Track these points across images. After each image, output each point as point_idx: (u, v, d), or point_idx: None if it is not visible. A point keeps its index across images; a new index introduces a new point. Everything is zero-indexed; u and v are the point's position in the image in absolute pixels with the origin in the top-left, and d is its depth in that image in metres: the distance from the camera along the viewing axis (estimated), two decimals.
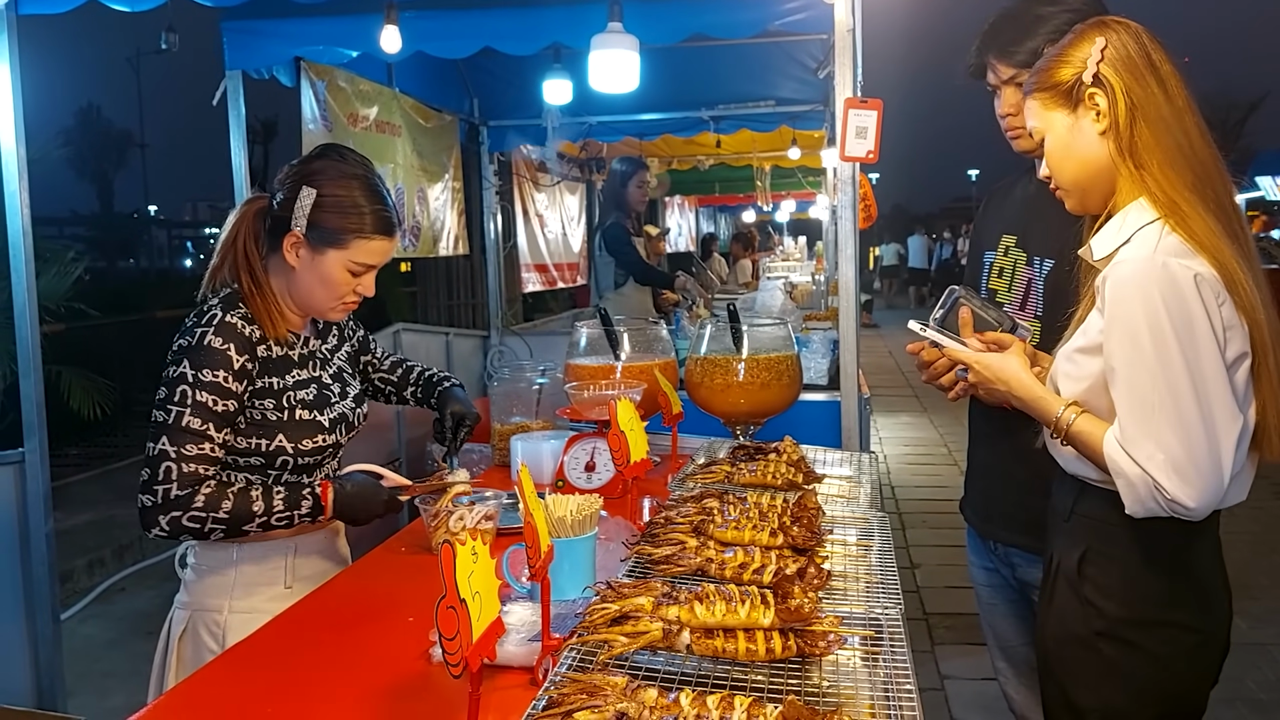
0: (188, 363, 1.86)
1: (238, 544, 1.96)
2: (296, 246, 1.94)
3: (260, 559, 1.98)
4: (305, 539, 2.04)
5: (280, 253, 1.96)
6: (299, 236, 1.93)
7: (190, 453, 1.84)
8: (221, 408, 1.87)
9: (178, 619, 1.98)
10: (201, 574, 1.98)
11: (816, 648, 1.34)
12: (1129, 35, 1.61)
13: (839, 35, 2.67)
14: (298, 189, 1.93)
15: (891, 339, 16.91)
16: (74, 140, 41.90)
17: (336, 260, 1.95)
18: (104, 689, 4.12)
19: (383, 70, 4.70)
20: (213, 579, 1.97)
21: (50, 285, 5.77)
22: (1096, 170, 1.64)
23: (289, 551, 2.01)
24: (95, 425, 6.74)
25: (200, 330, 1.90)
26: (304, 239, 1.93)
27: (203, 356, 1.87)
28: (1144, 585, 1.66)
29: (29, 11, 3.15)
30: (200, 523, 1.84)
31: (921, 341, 1.96)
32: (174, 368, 1.88)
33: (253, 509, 1.87)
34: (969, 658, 4.17)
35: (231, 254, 1.98)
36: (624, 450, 1.94)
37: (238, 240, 1.98)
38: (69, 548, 5.45)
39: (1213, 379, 1.50)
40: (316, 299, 2.00)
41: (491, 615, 1.19)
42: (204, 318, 1.91)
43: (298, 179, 1.95)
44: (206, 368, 1.86)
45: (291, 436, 1.96)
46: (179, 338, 1.92)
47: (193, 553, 2.00)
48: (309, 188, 1.92)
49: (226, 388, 1.87)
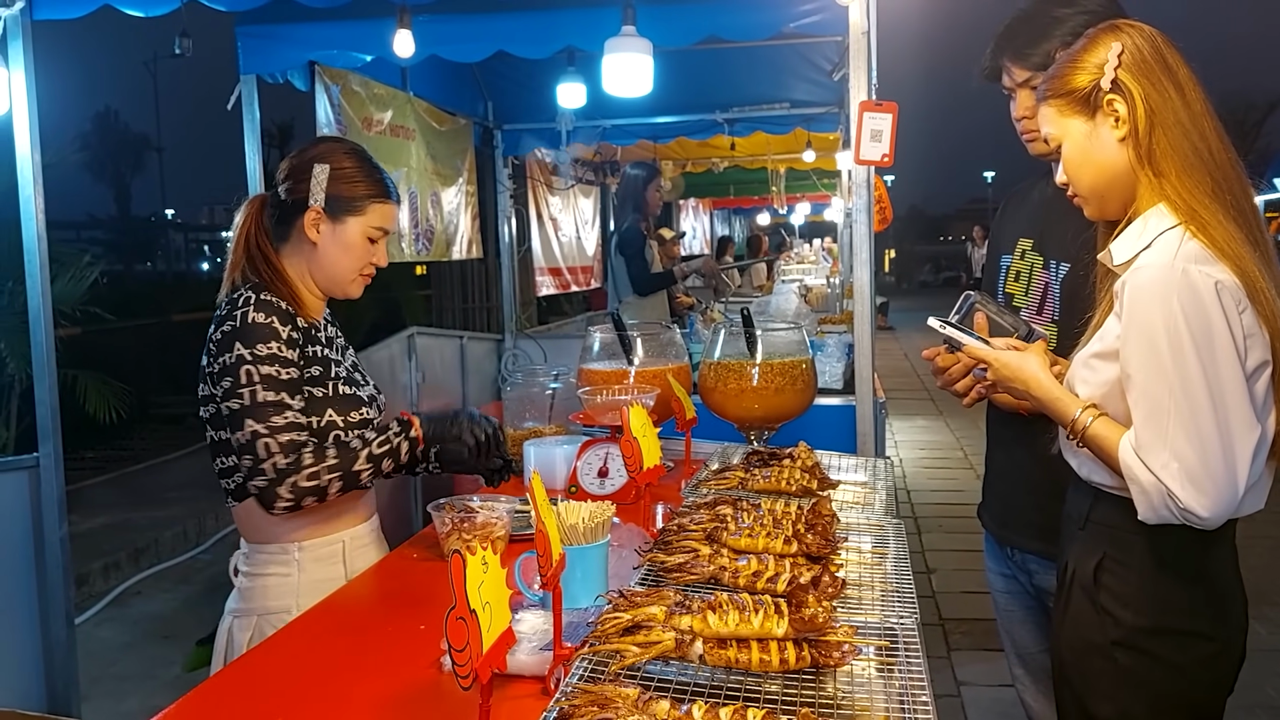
0: (239, 344, 1.91)
1: (297, 544, 2.01)
2: (317, 221, 2.03)
3: (319, 557, 2.04)
4: (354, 533, 2.10)
5: (294, 238, 2.05)
6: (319, 211, 2.02)
7: (279, 424, 1.89)
8: (286, 375, 1.93)
9: (240, 625, 2.01)
10: (262, 579, 2.02)
11: (831, 658, 1.32)
12: (1144, 39, 1.59)
13: (853, 38, 2.66)
14: (308, 169, 2.02)
15: (907, 341, 16.85)
16: (91, 144, 42.27)
17: (356, 227, 2.05)
18: (119, 692, 4.13)
19: (397, 74, 4.70)
20: (275, 581, 2.01)
21: (66, 289, 5.80)
22: (1115, 176, 1.62)
23: (341, 545, 2.07)
24: (111, 428, 6.77)
25: (240, 312, 1.94)
26: (324, 212, 2.03)
27: (251, 334, 1.92)
28: (1161, 593, 1.64)
29: (43, 17, 3.16)
30: (316, 478, 1.90)
31: (937, 347, 1.94)
32: (226, 355, 1.92)
33: (357, 452, 1.94)
34: (985, 664, 4.14)
35: (245, 251, 2.05)
36: (637, 456, 1.92)
37: (249, 237, 2.05)
38: (85, 551, 5.47)
39: (1230, 388, 1.48)
40: (340, 270, 2.07)
41: (502, 625, 1.18)
42: (238, 304, 1.96)
43: (307, 161, 2.03)
44: (259, 343, 1.91)
45: (339, 409, 2.02)
46: (218, 328, 1.95)
47: (247, 560, 2.04)
48: (320, 165, 2.02)
49: (284, 356, 1.94)
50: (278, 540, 2.02)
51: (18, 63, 3.12)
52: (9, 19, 3.09)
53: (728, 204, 15.29)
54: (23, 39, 3.12)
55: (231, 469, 1.99)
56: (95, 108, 49.83)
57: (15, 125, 3.14)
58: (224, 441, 1.98)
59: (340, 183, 2.03)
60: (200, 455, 8.56)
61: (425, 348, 4.74)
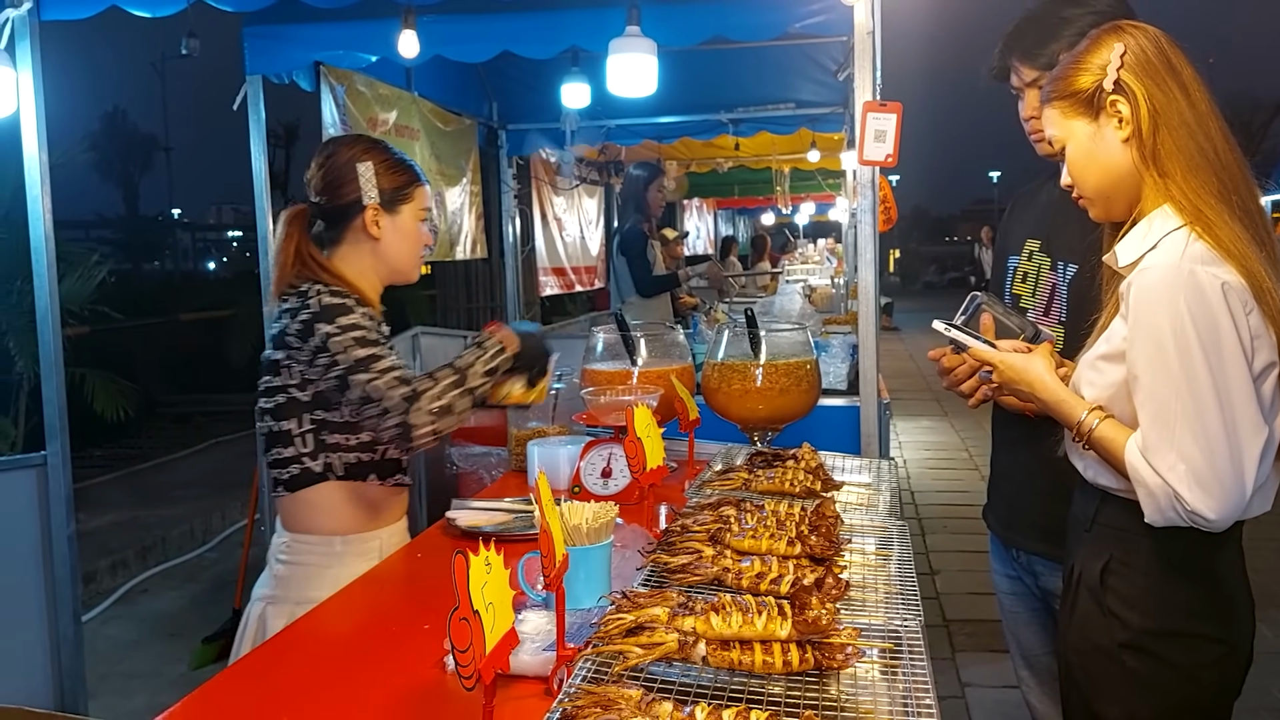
0: (321, 324, 1.97)
1: (340, 537, 2.06)
2: (376, 217, 2.11)
3: (359, 553, 2.08)
4: (391, 530, 2.16)
5: (349, 239, 2.12)
6: (376, 206, 2.10)
7: (383, 366, 1.95)
8: (374, 335, 2.01)
9: (275, 612, 2.04)
10: (302, 568, 2.07)
11: (835, 660, 1.32)
12: (1147, 40, 1.58)
13: (858, 37, 2.65)
14: (351, 171, 2.09)
15: (912, 342, 16.83)
16: (99, 144, 42.33)
17: (410, 213, 2.16)
18: (126, 690, 4.14)
19: (402, 74, 4.71)
20: (315, 572, 2.05)
21: (74, 288, 5.81)
22: (1120, 178, 1.62)
23: (379, 542, 2.12)
24: (119, 427, 6.79)
25: (314, 299, 2.00)
26: (380, 207, 2.11)
27: (330, 312, 1.99)
28: (1167, 596, 1.63)
29: (51, 18, 3.18)
30: (440, 398, 1.95)
31: (943, 348, 1.94)
32: (311, 339, 1.97)
33: (464, 368, 2.02)
34: (990, 665, 4.14)
35: (297, 261, 2.08)
36: (640, 457, 1.93)
37: (298, 248, 2.09)
38: (92, 549, 5.49)
39: (1238, 390, 1.47)
40: (405, 257, 2.18)
41: (505, 626, 1.18)
42: (309, 295, 2.02)
43: (345, 163, 2.10)
44: (339, 317, 1.98)
45: None
46: (294, 319, 2.00)
47: (287, 550, 2.08)
48: (363, 163, 2.10)
49: (365, 324, 2.01)
50: (321, 533, 2.07)
51: (25, 63, 3.13)
52: (16, 20, 3.10)
53: (732, 204, 15.27)
54: (30, 39, 3.13)
55: (288, 460, 2.04)
56: (103, 108, 50.10)
57: (23, 125, 3.15)
58: (282, 433, 2.03)
59: (385, 175, 2.12)
60: (208, 453, 8.65)
61: (429, 347, 4.75)
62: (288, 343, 2.00)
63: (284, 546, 2.09)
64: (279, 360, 2.02)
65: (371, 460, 2.09)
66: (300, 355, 1.99)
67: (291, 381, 2.02)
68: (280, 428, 2.04)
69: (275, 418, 2.04)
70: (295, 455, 2.03)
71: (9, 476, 3.19)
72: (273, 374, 2.04)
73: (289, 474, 2.06)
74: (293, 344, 1.99)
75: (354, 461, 2.07)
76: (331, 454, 2.05)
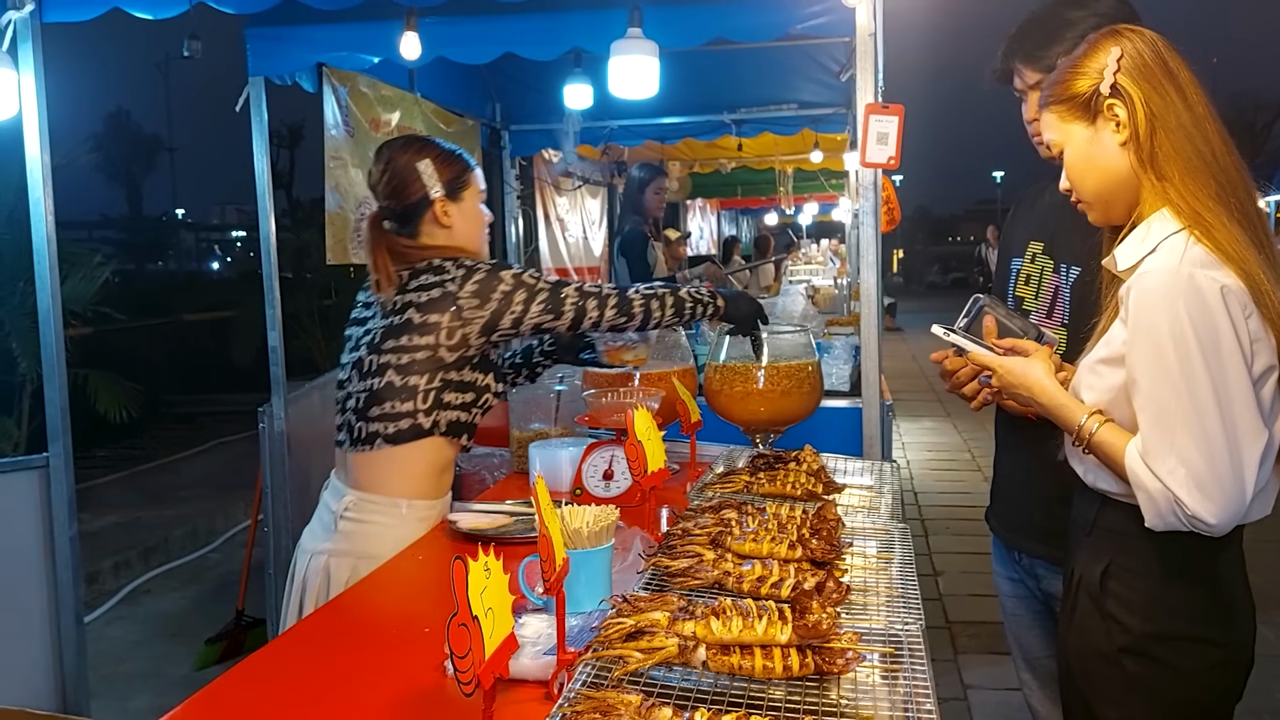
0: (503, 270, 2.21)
1: (407, 500, 2.23)
2: (445, 207, 2.29)
3: (421, 517, 2.25)
4: (446, 500, 2.34)
5: (424, 232, 2.30)
6: (443, 198, 2.29)
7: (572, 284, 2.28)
8: None
9: (339, 565, 2.19)
10: (366, 525, 2.22)
11: (835, 665, 1.32)
12: (1144, 43, 1.58)
13: (860, 39, 2.65)
14: (413, 170, 2.27)
15: (915, 342, 16.82)
16: (103, 144, 42.29)
17: (471, 197, 2.35)
18: (129, 691, 4.15)
19: (404, 75, 4.71)
20: (379, 530, 2.21)
21: (77, 289, 5.81)
22: (1118, 182, 1.62)
23: (439, 509, 2.30)
24: (123, 427, 6.80)
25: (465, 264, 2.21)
26: (446, 198, 2.29)
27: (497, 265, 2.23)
28: (1168, 600, 1.63)
29: (53, 20, 3.18)
30: (650, 290, 2.33)
31: (945, 350, 1.94)
32: (500, 285, 2.19)
33: (676, 287, 2.38)
34: (992, 667, 4.13)
35: (393, 256, 2.26)
36: (641, 460, 1.92)
37: (391, 246, 2.27)
38: (95, 549, 5.50)
39: (1237, 394, 1.47)
40: (473, 239, 2.37)
41: (504, 631, 1.18)
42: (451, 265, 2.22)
43: (405, 165, 2.28)
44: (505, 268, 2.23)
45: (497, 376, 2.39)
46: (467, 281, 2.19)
47: (355, 508, 2.23)
48: (421, 161, 2.27)
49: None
50: (390, 494, 2.23)
51: (27, 65, 3.13)
52: (19, 22, 3.10)
53: (735, 204, 15.28)
54: (32, 41, 3.13)
55: (400, 414, 2.21)
56: (107, 108, 49.90)
57: (25, 127, 3.15)
58: (405, 387, 2.21)
59: (444, 168, 2.29)
60: (211, 454, 8.67)
61: None
62: (461, 305, 2.18)
63: (351, 504, 2.24)
64: (434, 322, 2.19)
65: (466, 422, 2.29)
66: (478, 313, 2.18)
67: (446, 341, 2.20)
68: (405, 382, 2.21)
69: (403, 373, 2.21)
70: (411, 410, 2.21)
71: (11, 478, 3.20)
72: (417, 334, 2.20)
73: (395, 428, 2.22)
74: (469, 305, 2.18)
75: (455, 420, 2.26)
76: (443, 411, 2.24)
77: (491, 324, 2.21)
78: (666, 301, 2.33)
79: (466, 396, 2.28)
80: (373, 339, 2.26)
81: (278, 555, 4.03)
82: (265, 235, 4.06)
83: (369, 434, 2.24)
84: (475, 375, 2.29)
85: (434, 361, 2.21)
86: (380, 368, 2.23)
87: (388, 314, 2.25)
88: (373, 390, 2.23)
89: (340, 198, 4.15)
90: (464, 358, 2.24)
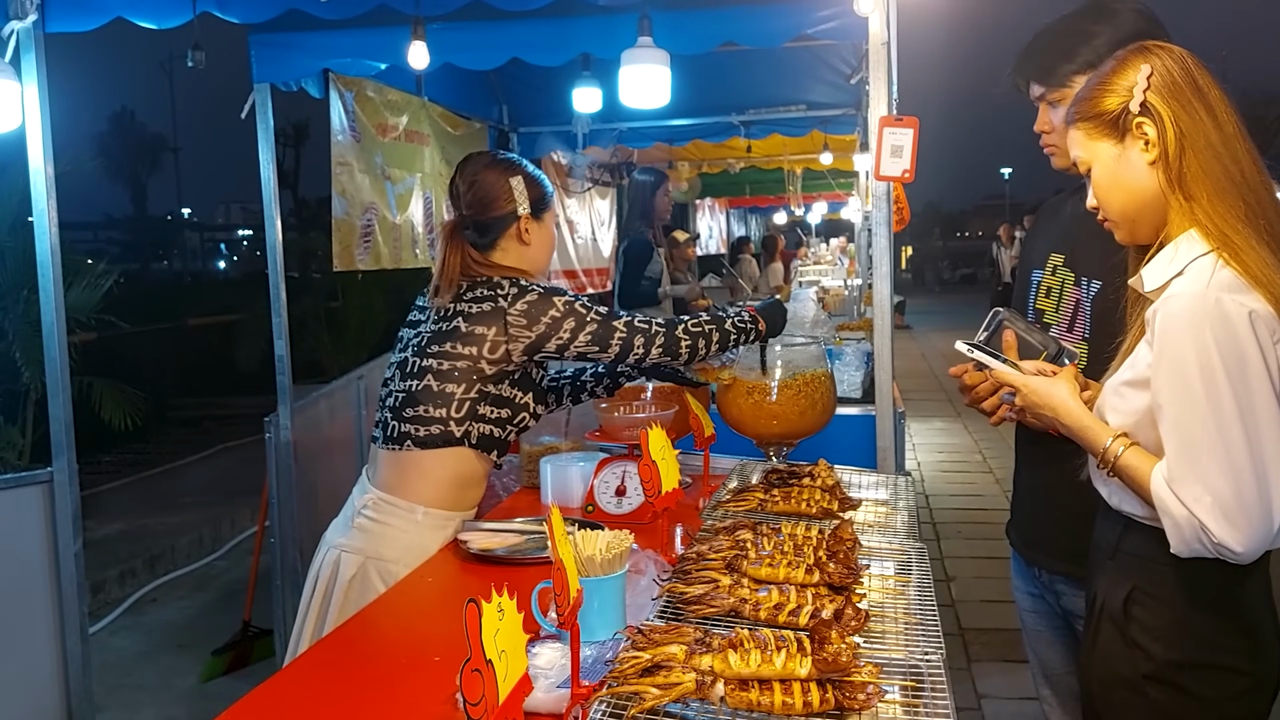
0: (556, 296, 2.24)
1: (423, 508, 2.24)
2: (528, 224, 2.34)
3: (436, 526, 2.25)
4: (467, 515, 2.33)
5: (501, 246, 2.33)
6: (528, 215, 2.33)
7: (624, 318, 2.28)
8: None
9: (347, 562, 2.22)
10: (382, 526, 2.24)
11: (856, 701, 1.28)
12: (1174, 61, 1.54)
13: (873, 48, 2.60)
14: (505, 185, 2.31)
15: (925, 341, 16.76)
16: (108, 145, 42.43)
17: (550, 219, 2.42)
18: (134, 703, 4.12)
19: (411, 79, 4.68)
20: (394, 534, 2.22)
21: (81, 297, 5.78)
22: (1146, 201, 1.58)
23: (456, 523, 2.29)
24: (127, 433, 6.77)
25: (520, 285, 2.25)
26: (530, 216, 2.33)
27: (551, 290, 2.26)
28: (1193, 627, 1.59)
29: (56, 29, 3.15)
30: (696, 325, 2.33)
31: (964, 364, 1.90)
32: (551, 310, 2.21)
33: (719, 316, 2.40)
34: (1007, 676, 4.09)
35: (462, 265, 2.28)
36: (655, 480, 1.89)
37: (462, 254, 2.29)
38: (101, 558, 5.47)
39: (1265, 421, 1.43)
40: (544, 259, 2.43)
41: (518, 673, 1.14)
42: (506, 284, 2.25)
43: (497, 178, 2.32)
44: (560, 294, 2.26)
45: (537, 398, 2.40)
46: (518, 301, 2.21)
47: (374, 507, 2.25)
48: (513, 178, 2.32)
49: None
50: (409, 498, 2.24)
51: (30, 75, 3.10)
52: (22, 32, 3.06)
53: (744, 203, 15.24)
54: (35, 51, 3.10)
55: (433, 419, 2.22)
56: (113, 107, 50.03)
57: (29, 137, 3.12)
58: (442, 393, 2.22)
59: (533, 187, 2.35)
60: (217, 459, 8.65)
61: None
62: (509, 322, 2.20)
63: (370, 503, 2.26)
64: (480, 333, 2.21)
65: (499, 438, 2.29)
66: (525, 333, 2.20)
67: (488, 355, 2.21)
68: (442, 388, 2.22)
69: (441, 379, 2.22)
70: (444, 417, 2.22)
71: (16, 493, 3.17)
72: (461, 343, 2.22)
73: (427, 432, 2.23)
74: (516, 323, 2.20)
75: (487, 434, 2.26)
76: (475, 423, 2.24)
77: (536, 345, 2.22)
78: (713, 338, 2.34)
79: (502, 412, 2.28)
80: (420, 342, 2.28)
81: (284, 564, 4.00)
82: (271, 243, 4.03)
83: (400, 434, 2.25)
84: (514, 392, 2.29)
85: (474, 372, 2.22)
86: (421, 370, 2.25)
87: (438, 320, 2.27)
88: (410, 391, 2.25)
89: (346, 203, 4.12)
90: (504, 372, 2.25)
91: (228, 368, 10.88)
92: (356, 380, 4.56)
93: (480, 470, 2.32)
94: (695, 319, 2.35)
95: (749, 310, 2.46)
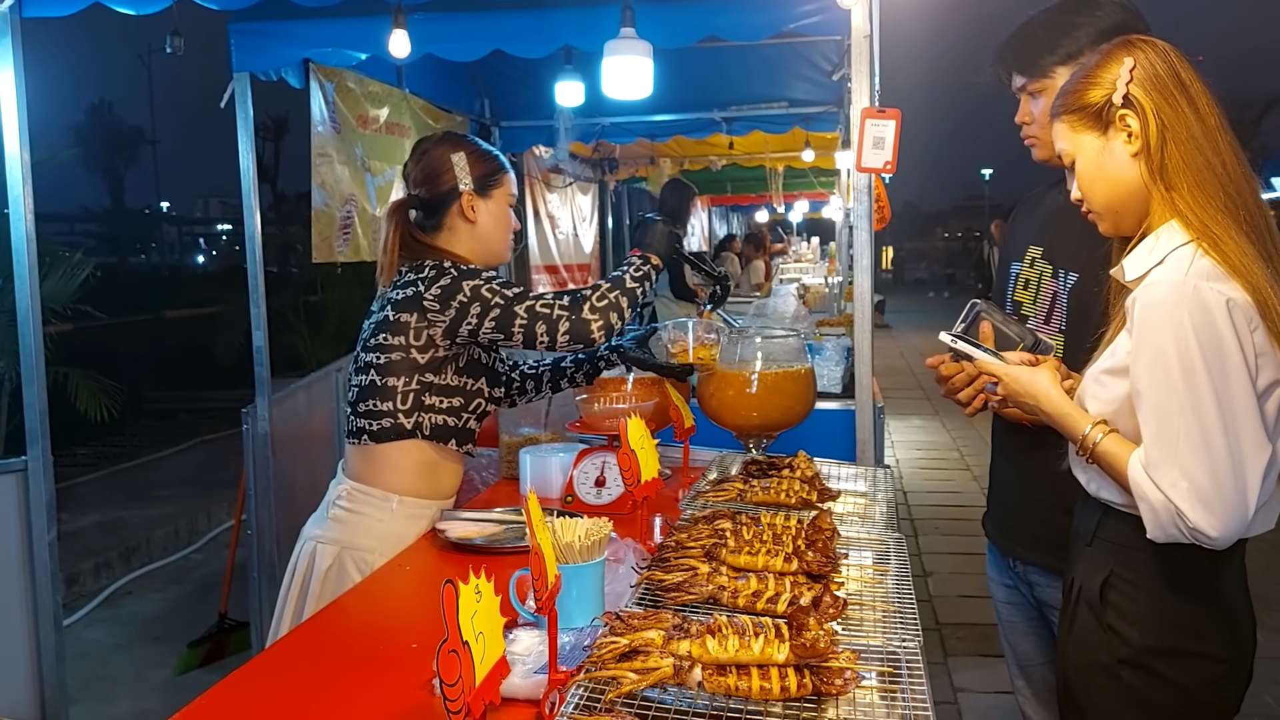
0: (467, 280, 2.15)
1: (398, 497, 2.21)
2: (471, 201, 2.28)
3: (411, 515, 2.23)
4: (443, 504, 2.31)
5: (446, 226, 2.28)
6: (471, 192, 2.28)
7: (538, 293, 2.17)
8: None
9: (324, 552, 2.20)
10: (357, 516, 2.22)
11: (834, 685, 1.29)
12: (1157, 55, 1.56)
13: (856, 42, 2.61)
14: (446, 162, 2.27)
15: (904, 340, 16.84)
16: (85, 136, 41.98)
17: (500, 197, 2.33)
18: (109, 695, 4.09)
19: (392, 71, 4.66)
20: (369, 523, 2.21)
21: (57, 288, 5.73)
22: (1129, 192, 1.60)
23: (432, 512, 2.26)
24: (103, 425, 6.72)
25: (446, 266, 2.18)
26: (475, 193, 2.28)
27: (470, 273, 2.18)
28: (1169, 613, 1.61)
29: (33, 14, 3.11)
30: (603, 298, 2.18)
31: (941, 355, 1.91)
32: (457, 295, 2.13)
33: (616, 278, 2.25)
34: (983, 670, 4.11)
35: (403, 247, 2.25)
36: (634, 470, 1.89)
37: (405, 235, 2.25)
38: (75, 550, 5.42)
39: (1241, 408, 1.45)
40: (498, 239, 2.36)
41: (495, 655, 1.14)
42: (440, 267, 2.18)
43: (440, 156, 2.28)
44: (478, 275, 2.17)
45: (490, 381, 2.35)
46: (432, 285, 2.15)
47: (348, 497, 2.23)
48: (456, 154, 2.27)
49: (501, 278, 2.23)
50: (382, 488, 2.22)
51: (6, 61, 3.06)
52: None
53: (725, 201, 15.24)
54: (11, 37, 3.06)
55: (382, 413, 2.19)
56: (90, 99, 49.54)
57: (4, 123, 3.08)
58: (385, 387, 2.18)
59: (477, 163, 2.29)
60: (193, 452, 8.59)
61: None
62: (425, 307, 2.15)
63: (344, 493, 2.24)
64: (404, 321, 2.17)
65: (455, 426, 2.25)
66: (440, 317, 2.14)
67: (415, 343, 2.17)
68: (384, 382, 2.19)
69: (381, 373, 2.19)
70: (391, 410, 2.19)
71: None
72: (390, 333, 2.18)
73: (379, 426, 2.20)
74: (431, 308, 2.14)
75: (440, 424, 2.22)
76: (425, 413, 2.20)
77: (451, 330, 2.17)
78: (621, 304, 2.21)
79: (453, 401, 2.24)
80: (365, 335, 2.26)
81: (261, 557, 3.98)
82: (250, 235, 4.00)
83: (358, 428, 2.24)
84: (463, 380, 2.25)
85: (409, 363, 2.19)
86: (365, 365, 2.23)
87: (379, 309, 2.24)
88: (361, 386, 2.23)
89: (326, 195, 4.10)
90: (441, 360, 2.21)
91: (205, 361, 10.79)
92: (335, 373, 4.54)
93: (443, 458, 2.28)
94: (596, 290, 2.21)
95: (633, 253, 2.34)
